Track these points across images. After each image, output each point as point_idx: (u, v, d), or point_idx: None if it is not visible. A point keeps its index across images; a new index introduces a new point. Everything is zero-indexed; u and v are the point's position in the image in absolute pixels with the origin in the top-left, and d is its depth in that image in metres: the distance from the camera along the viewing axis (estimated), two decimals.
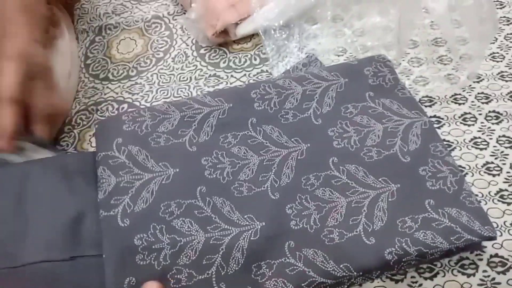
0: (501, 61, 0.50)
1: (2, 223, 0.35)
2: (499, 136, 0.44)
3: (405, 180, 0.38)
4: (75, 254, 0.34)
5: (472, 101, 0.47)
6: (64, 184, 0.38)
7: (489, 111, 0.46)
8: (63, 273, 0.33)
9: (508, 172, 0.41)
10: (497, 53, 0.51)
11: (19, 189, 0.37)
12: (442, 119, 0.46)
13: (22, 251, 0.34)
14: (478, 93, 0.47)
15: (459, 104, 0.47)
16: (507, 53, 0.51)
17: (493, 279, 0.36)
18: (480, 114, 0.46)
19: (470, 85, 0.48)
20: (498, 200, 0.40)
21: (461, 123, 0.45)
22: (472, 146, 0.44)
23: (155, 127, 0.41)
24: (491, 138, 0.44)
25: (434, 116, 0.46)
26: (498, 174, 0.41)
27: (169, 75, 0.54)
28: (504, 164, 0.42)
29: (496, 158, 0.42)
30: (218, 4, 0.53)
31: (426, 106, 0.47)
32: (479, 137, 0.44)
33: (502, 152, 0.43)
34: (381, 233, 0.35)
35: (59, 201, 0.37)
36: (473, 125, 0.45)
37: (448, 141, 0.44)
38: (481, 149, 0.43)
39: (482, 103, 0.47)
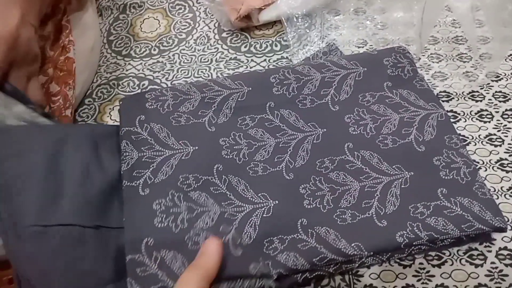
0: None
1: (39, 179, 0.35)
2: None
3: (418, 168, 0.39)
4: (100, 224, 0.35)
5: (490, 99, 0.47)
6: (95, 154, 0.38)
7: (506, 110, 0.46)
8: (87, 239, 0.34)
9: None
10: None
11: (57, 150, 0.37)
12: (459, 114, 0.46)
13: (55, 211, 0.34)
14: (496, 92, 0.48)
15: (476, 101, 0.47)
16: None
17: (501, 271, 0.36)
18: (496, 112, 0.46)
19: (488, 84, 0.48)
20: (510, 196, 0.40)
21: (477, 119, 0.46)
22: (487, 142, 0.44)
23: (176, 107, 0.42)
24: (506, 136, 0.44)
25: (451, 111, 0.46)
26: None
27: (190, 56, 0.55)
28: None
29: (510, 155, 0.43)
30: None
31: (443, 101, 0.47)
32: (495, 134, 0.44)
33: None
34: (393, 217, 0.35)
35: (90, 169, 0.37)
36: (489, 122, 0.45)
37: (463, 136, 0.44)
38: (495, 145, 0.44)
39: (500, 101, 0.47)
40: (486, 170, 0.42)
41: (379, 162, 0.39)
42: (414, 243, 0.34)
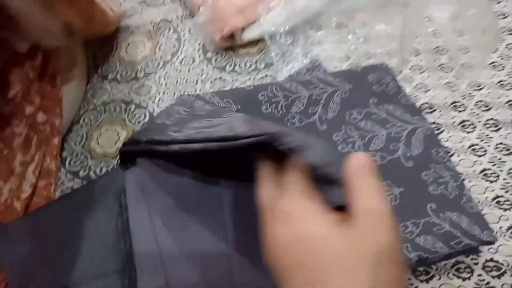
0: (502, 70, 0.51)
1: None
2: (497, 144, 0.45)
3: (408, 184, 0.39)
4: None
5: (472, 109, 0.48)
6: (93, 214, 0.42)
7: (488, 119, 0.47)
8: None
9: (505, 179, 0.43)
10: (498, 62, 0.52)
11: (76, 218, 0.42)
12: (442, 125, 0.47)
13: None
14: (478, 101, 0.48)
15: (459, 111, 0.48)
16: (507, 63, 0.52)
17: (488, 283, 0.37)
18: (479, 121, 0.47)
19: (470, 93, 0.49)
20: (495, 206, 0.41)
21: (460, 130, 0.47)
22: (470, 153, 0.45)
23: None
24: (489, 145, 0.45)
25: (434, 123, 0.47)
26: (495, 181, 0.43)
27: (176, 78, 0.55)
28: (501, 171, 0.43)
29: (493, 165, 0.44)
30: (226, 9, 0.54)
31: (426, 113, 0.48)
32: (477, 144, 0.45)
33: (499, 159, 0.44)
34: None
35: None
36: (472, 132, 0.46)
37: (446, 147, 0.45)
38: (479, 155, 0.45)
39: (482, 111, 0.48)
40: (470, 181, 0.43)
41: None
42: None
